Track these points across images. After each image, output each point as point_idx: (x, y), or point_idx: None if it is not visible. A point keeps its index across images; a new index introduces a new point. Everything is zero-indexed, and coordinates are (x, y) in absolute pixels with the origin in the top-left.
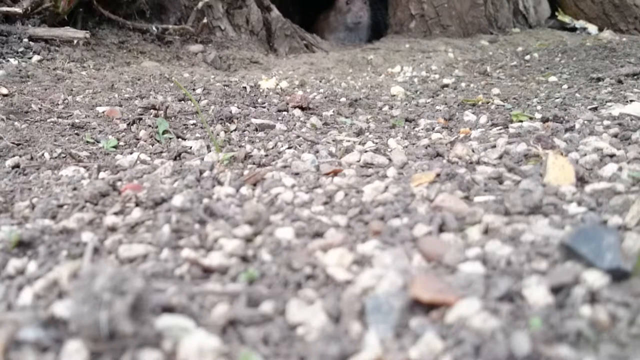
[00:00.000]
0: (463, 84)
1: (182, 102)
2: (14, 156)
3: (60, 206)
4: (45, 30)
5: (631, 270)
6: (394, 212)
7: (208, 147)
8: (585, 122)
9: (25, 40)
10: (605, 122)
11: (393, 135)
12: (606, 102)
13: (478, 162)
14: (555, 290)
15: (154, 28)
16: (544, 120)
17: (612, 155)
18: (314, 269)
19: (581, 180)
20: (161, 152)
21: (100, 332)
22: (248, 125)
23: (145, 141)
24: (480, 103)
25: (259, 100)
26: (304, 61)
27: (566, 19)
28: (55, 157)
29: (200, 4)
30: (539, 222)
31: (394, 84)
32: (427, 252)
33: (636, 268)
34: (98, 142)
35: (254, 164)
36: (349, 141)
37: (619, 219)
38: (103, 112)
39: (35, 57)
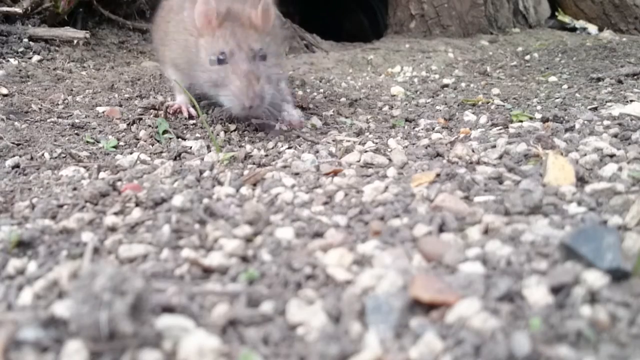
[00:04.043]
0: (463, 84)
1: None
2: (14, 156)
3: (60, 206)
4: (45, 30)
5: (631, 270)
6: (394, 212)
7: (208, 147)
8: (585, 122)
9: (25, 40)
10: (605, 122)
11: (393, 135)
12: (606, 102)
13: (478, 162)
14: (555, 290)
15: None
16: (544, 120)
17: (612, 155)
18: (314, 269)
19: (581, 180)
20: (161, 152)
21: (100, 332)
22: (248, 125)
23: (145, 141)
24: (480, 103)
25: None
26: (304, 61)
27: (566, 19)
28: (55, 157)
29: None
30: (539, 222)
31: (394, 84)
32: (427, 252)
33: (636, 268)
34: (98, 142)
35: (254, 164)
36: (349, 141)
37: (619, 219)
38: (103, 112)
39: (35, 57)
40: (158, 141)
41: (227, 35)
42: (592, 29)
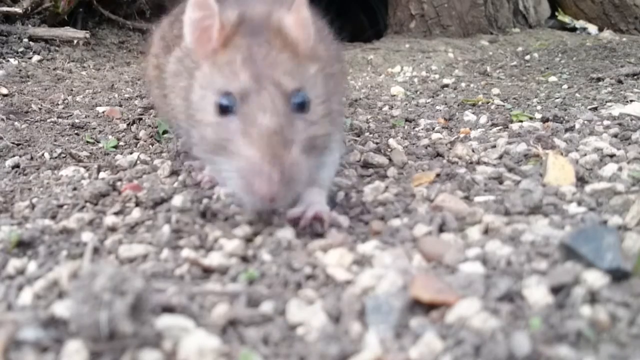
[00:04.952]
0: (463, 84)
1: None
2: (14, 156)
3: (60, 206)
4: (45, 30)
5: (631, 270)
6: (394, 212)
7: None
8: (585, 122)
9: (25, 40)
10: (605, 122)
11: (393, 135)
12: (606, 102)
13: (478, 162)
14: (555, 290)
15: (154, 28)
16: (544, 120)
17: (612, 155)
18: (314, 269)
19: (581, 180)
20: (161, 152)
21: (100, 332)
22: None
23: (145, 141)
24: (480, 103)
25: None
26: None
27: (566, 19)
28: (55, 157)
29: None
30: (539, 222)
31: (394, 84)
32: (427, 252)
33: (636, 268)
34: (98, 142)
35: None
36: (349, 141)
37: (619, 219)
38: (103, 112)
39: (35, 57)
40: (158, 141)
41: (238, 60)
42: (592, 29)
